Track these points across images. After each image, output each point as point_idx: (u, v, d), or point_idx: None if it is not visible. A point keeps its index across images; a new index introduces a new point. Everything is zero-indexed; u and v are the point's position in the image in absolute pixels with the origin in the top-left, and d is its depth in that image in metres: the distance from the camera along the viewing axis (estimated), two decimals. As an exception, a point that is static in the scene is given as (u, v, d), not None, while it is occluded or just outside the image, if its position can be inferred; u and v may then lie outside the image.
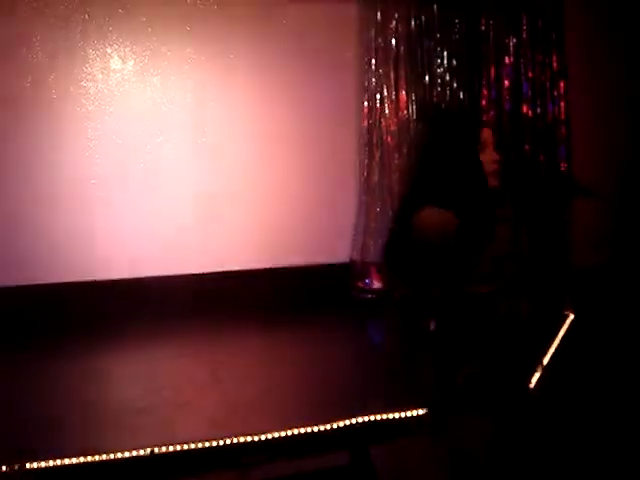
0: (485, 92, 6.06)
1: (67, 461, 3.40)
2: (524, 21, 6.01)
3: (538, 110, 6.04)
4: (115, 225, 6.02)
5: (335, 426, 3.67)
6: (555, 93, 6.08)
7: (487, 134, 2.49)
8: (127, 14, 6.05)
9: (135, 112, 6.13)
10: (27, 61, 5.88)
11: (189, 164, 6.22)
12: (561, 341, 5.30)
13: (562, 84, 6.08)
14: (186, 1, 6.18)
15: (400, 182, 6.52)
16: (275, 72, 6.36)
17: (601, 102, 6.66)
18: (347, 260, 6.55)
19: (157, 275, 6.05)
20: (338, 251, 6.53)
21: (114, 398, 4.29)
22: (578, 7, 6.37)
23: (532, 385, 4.27)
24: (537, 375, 4.43)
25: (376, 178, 6.51)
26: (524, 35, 6.01)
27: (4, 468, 3.31)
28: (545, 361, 4.77)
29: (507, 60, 6.01)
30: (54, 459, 3.39)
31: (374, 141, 6.49)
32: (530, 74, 6.02)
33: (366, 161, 6.50)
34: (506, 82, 5.99)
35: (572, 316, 5.94)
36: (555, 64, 6.07)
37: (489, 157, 2.45)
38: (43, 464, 3.37)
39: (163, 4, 6.10)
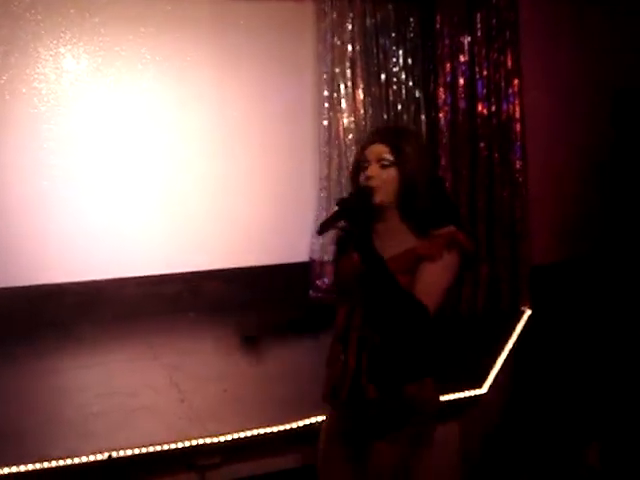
0: (440, 91, 6.09)
1: (23, 468, 3.37)
2: (478, 19, 6.04)
3: (493, 108, 6.09)
4: (69, 226, 5.95)
5: (289, 427, 3.69)
6: (510, 91, 6.13)
7: (370, 150, 2.33)
8: (80, 14, 5.99)
9: (89, 112, 6.07)
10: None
11: (145, 163, 6.19)
12: (517, 338, 5.37)
13: (516, 82, 6.13)
14: (140, 2, 6.14)
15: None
16: (231, 71, 6.36)
17: (556, 100, 6.75)
18: (307, 259, 6.57)
19: (110, 277, 6.00)
20: (299, 250, 6.55)
21: (69, 402, 4.26)
22: (533, 5, 6.44)
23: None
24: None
25: (334, 175, 6.53)
26: (479, 33, 6.05)
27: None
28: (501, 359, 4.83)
29: (462, 58, 6.05)
30: (9, 466, 3.36)
31: (331, 139, 6.51)
32: (485, 72, 6.06)
33: (325, 159, 6.52)
34: (461, 80, 6.03)
35: (529, 312, 6.04)
36: (509, 62, 6.12)
37: (367, 173, 2.30)
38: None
39: (117, 4, 6.05)
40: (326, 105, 6.50)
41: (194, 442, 3.54)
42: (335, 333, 2.45)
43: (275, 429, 3.67)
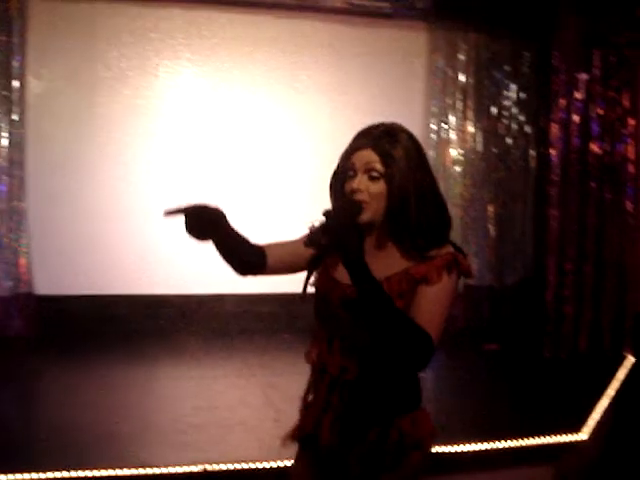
0: (553, 127, 5.98)
1: (119, 472, 3.44)
2: (596, 56, 5.92)
3: (606, 148, 5.94)
4: (175, 239, 6.07)
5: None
6: (624, 131, 5.97)
7: (358, 158, 2.00)
8: (199, 34, 6.17)
9: (204, 130, 6.23)
10: (102, 77, 6.04)
11: (253, 183, 6.27)
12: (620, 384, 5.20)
13: (632, 122, 5.98)
14: (258, 25, 6.28)
15: (461, 214, 6.49)
16: (342, 97, 6.41)
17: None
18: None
19: (210, 293, 6.08)
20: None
21: (166, 412, 4.34)
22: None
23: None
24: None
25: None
26: (596, 71, 5.93)
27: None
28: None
29: (577, 95, 5.93)
30: (106, 469, 3.44)
31: (439, 171, 6.47)
32: (600, 111, 5.93)
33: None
34: (575, 118, 5.91)
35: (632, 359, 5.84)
36: (626, 102, 5.98)
37: (350, 186, 1.99)
38: (98, 474, 3.41)
39: (233, 26, 6.22)
40: (434, 136, 6.49)
41: (287, 462, 3.55)
42: (313, 369, 2.23)
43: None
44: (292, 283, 6.19)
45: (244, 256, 2.17)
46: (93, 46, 6.00)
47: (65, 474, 3.39)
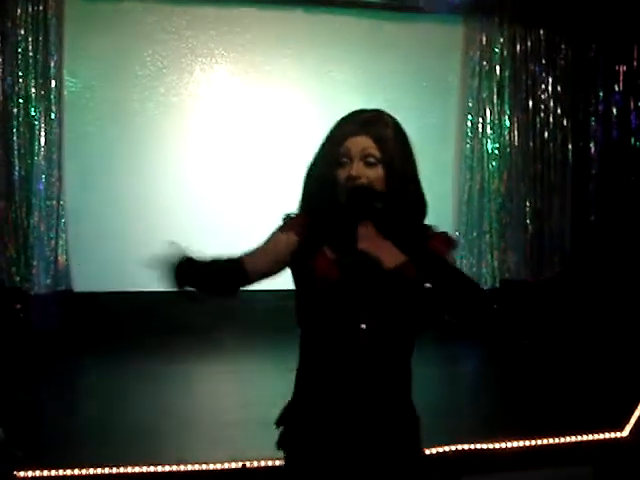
0: (591, 120, 5.91)
1: (160, 468, 3.45)
2: (635, 49, 5.84)
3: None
4: (213, 234, 6.09)
5: (428, 453, 3.61)
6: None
7: (353, 144, 1.93)
8: (231, 31, 6.17)
9: (236, 126, 6.23)
10: (137, 75, 6.07)
11: (287, 179, 6.24)
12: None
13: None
14: (291, 22, 6.27)
15: (498, 208, 6.44)
16: (376, 92, 6.35)
17: None
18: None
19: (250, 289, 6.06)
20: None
21: (206, 408, 4.35)
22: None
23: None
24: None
25: (475, 202, 6.44)
26: (635, 63, 5.84)
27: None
28: None
29: (616, 88, 5.85)
30: (146, 465, 3.45)
31: (475, 165, 6.43)
32: (639, 103, 5.85)
33: (466, 185, 6.44)
34: (614, 110, 5.84)
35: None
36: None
37: (346, 173, 1.91)
38: (139, 469, 3.43)
39: (265, 22, 6.22)
40: (470, 130, 6.44)
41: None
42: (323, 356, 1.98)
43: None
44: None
45: (220, 279, 2.15)
46: (128, 45, 6.05)
47: (104, 471, 3.40)
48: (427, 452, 3.56)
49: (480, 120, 6.43)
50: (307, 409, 2.03)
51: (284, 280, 2.09)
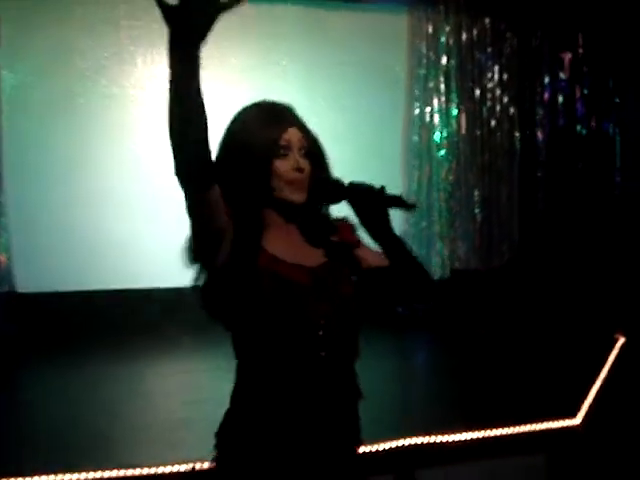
0: (537, 108, 5.93)
1: (107, 474, 3.37)
2: (580, 37, 5.87)
3: (592, 127, 5.90)
4: (161, 231, 6.00)
5: (382, 448, 3.59)
6: (610, 110, 5.94)
7: (292, 135, 1.86)
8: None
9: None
10: (78, 68, 5.93)
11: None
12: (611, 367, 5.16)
13: (617, 101, 5.94)
14: (234, 13, 6.15)
15: (447, 197, 6.45)
16: (323, 83, 6.33)
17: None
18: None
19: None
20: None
21: (155, 409, 4.27)
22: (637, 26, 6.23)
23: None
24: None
25: (423, 191, 6.45)
26: (580, 51, 5.88)
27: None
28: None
29: (561, 76, 5.88)
30: (94, 470, 3.37)
31: (423, 155, 6.43)
32: (585, 91, 5.89)
33: (414, 175, 6.44)
34: (560, 98, 5.86)
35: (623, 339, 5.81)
36: (610, 81, 5.94)
37: (289, 164, 1.83)
38: (86, 475, 3.34)
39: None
40: (418, 120, 6.43)
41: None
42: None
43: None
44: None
45: (202, 141, 1.71)
46: (68, 37, 5.90)
47: (55, 477, 3.31)
48: (382, 446, 3.58)
49: (427, 110, 6.41)
50: (256, 419, 1.85)
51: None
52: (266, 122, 1.89)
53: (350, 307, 1.88)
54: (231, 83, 6.20)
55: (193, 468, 3.41)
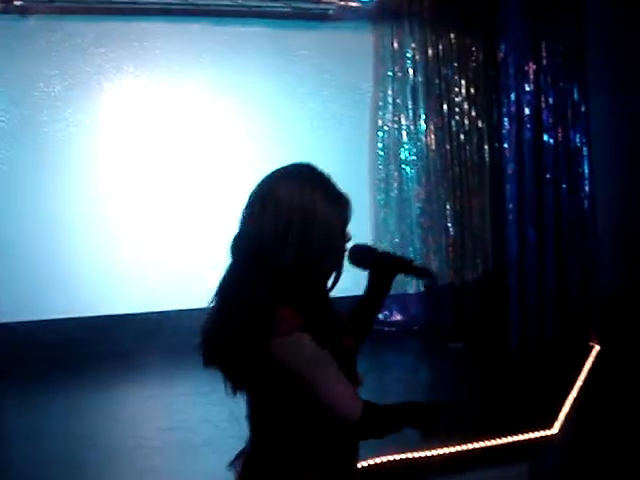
0: (504, 120, 5.95)
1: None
2: (544, 47, 5.90)
3: (559, 138, 5.92)
4: (130, 257, 5.95)
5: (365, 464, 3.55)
6: (576, 121, 5.97)
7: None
8: (141, 46, 6.05)
9: (152, 143, 6.10)
10: (44, 95, 5.88)
11: (203, 196, 6.15)
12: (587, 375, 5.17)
13: (583, 110, 5.97)
14: (201, 34, 6.17)
15: (418, 213, 6.46)
16: (291, 101, 6.34)
17: (623, 129, 6.58)
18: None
19: (169, 309, 5.95)
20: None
21: (129, 435, 4.21)
22: (599, 34, 6.29)
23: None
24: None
25: (394, 209, 6.44)
26: (544, 62, 5.90)
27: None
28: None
29: (527, 87, 5.90)
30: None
31: (392, 171, 6.43)
32: (550, 101, 5.91)
33: (384, 192, 6.44)
34: (526, 110, 5.88)
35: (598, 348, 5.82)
36: (576, 91, 5.97)
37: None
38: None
39: (176, 36, 6.12)
40: (386, 137, 6.43)
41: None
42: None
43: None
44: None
45: None
46: (33, 64, 5.85)
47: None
48: (363, 463, 3.54)
49: (395, 126, 6.41)
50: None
51: (201, 299, 1.96)
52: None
53: None
54: (202, 105, 6.20)
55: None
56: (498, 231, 6.35)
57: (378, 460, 3.61)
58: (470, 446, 3.87)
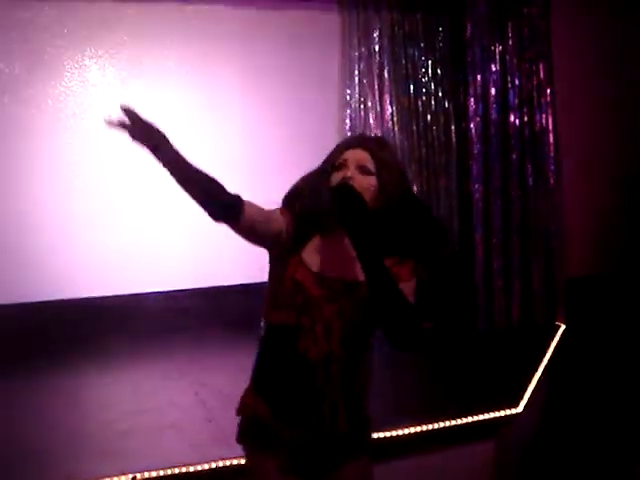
0: (471, 101, 5.95)
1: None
2: (510, 28, 5.91)
3: (525, 119, 5.94)
4: (94, 240, 5.89)
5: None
6: (542, 101, 5.99)
7: (350, 155, 2.08)
8: (106, 27, 5.94)
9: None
10: (5, 76, 5.77)
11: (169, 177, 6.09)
12: (552, 354, 5.22)
13: (549, 92, 6.00)
14: (166, 16, 6.08)
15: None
16: (257, 82, 6.28)
17: (589, 110, 6.62)
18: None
19: (135, 292, 5.91)
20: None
21: (94, 420, 4.18)
22: (565, 14, 6.31)
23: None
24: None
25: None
26: (510, 42, 5.92)
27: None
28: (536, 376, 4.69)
29: (493, 68, 5.91)
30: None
31: (359, 152, 6.41)
32: (517, 82, 5.93)
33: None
34: (492, 90, 5.89)
35: (563, 327, 5.88)
36: (542, 72, 5.99)
37: (339, 176, 2.05)
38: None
39: (141, 17, 6.01)
40: (352, 117, 6.40)
41: (220, 463, 3.43)
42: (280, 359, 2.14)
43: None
44: (215, 277, 6.12)
45: (217, 191, 2.10)
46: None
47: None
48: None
49: (362, 107, 6.38)
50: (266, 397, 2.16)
51: (169, 281, 2.00)
52: (336, 148, 2.16)
53: (352, 327, 2.13)
54: (168, 88, 6.12)
55: (134, 478, 3.34)
56: (464, 211, 6.36)
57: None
58: (435, 425, 3.89)
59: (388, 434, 3.76)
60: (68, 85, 5.96)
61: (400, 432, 3.81)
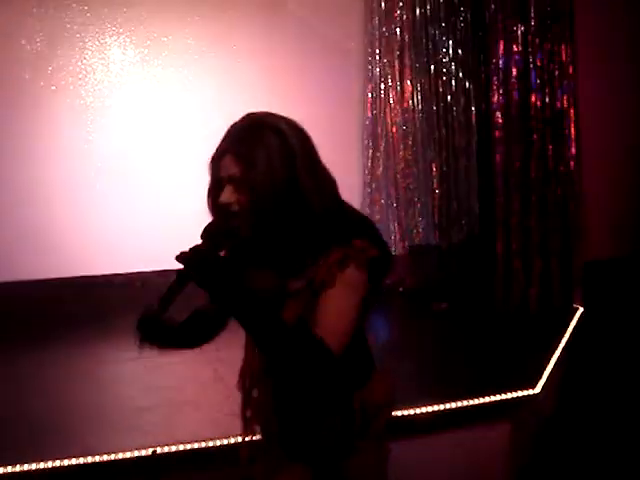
0: (492, 81, 5.91)
1: (66, 462, 3.31)
2: (532, 8, 5.85)
3: (547, 100, 5.89)
4: (112, 218, 5.92)
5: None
6: (564, 82, 5.93)
7: (223, 168, 1.85)
8: (126, 4, 5.95)
9: (135, 103, 6.03)
10: (26, 52, 5.79)
11: (189, 155, 6.10)
12: (570, 336, 5.21)
13: (571, 73, 5.94)
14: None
15: (404, 174, 6.44)
16: (278, 60, 6.27)
17: (611, 92, 6.57)
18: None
19: (153, 269, 5.92)
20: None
21: (114, 396, 4.21)
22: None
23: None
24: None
25: (380, 170, 6.42)
26: (532, 22, 5.85)
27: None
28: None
29: (515, 48, 5.86)
30: (52, 460, 3.30)
31: (378, 132, 6.39)
32: (538, 63, 5.87)
33: (370, 152, 6.40)
34: (514, 71, 5.84)
35: (581, 310, 5.86)
36: (564, 52, 5.93)
37: (221, 199, 1.85)
38: (45, 465, 3.28)
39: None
40: (373, 97, 6.38)
41: (239, 439, 3.45)
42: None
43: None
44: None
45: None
46: (13, 20, 5.74)
47: (13, 469, 3.25)
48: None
49: (382, 86, 6.36)
50: None
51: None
52: (213, 154, 1.89)
53: None
54: (188, 63, 6.12)
55: (154, 452, 3.37)
56: (484, 193, 6.34)
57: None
58: (452, 405, 3.90)
59: (405, 412, 3.77)
60: (89, 62, 5.97)
61: (417, 410, 3.82)
